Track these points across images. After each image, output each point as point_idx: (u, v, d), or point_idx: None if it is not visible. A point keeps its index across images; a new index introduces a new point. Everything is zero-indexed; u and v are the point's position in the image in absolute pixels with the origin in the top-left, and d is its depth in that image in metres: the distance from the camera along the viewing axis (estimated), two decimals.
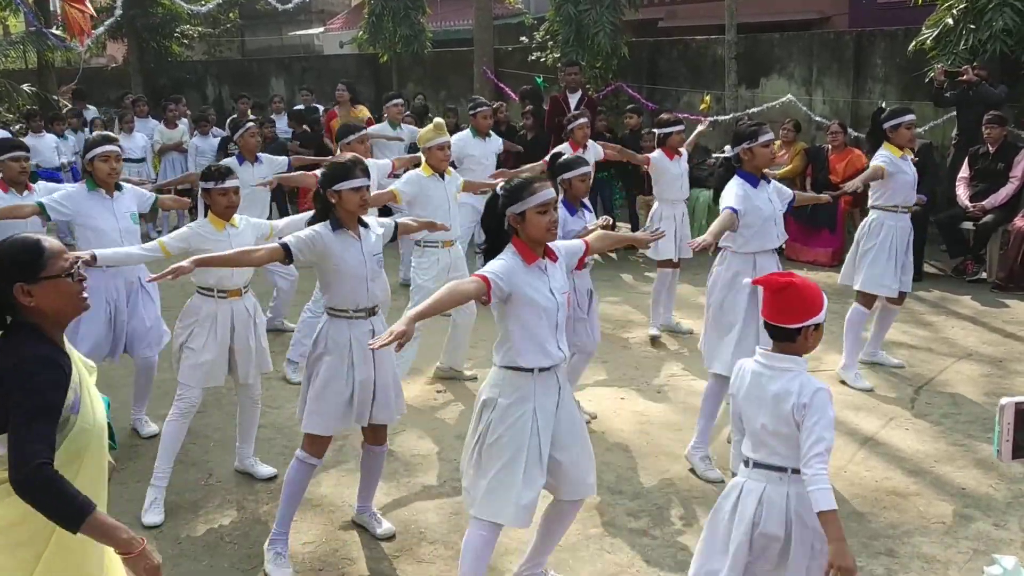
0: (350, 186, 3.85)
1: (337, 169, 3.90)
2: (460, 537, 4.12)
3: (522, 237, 3.33)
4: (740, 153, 4.77)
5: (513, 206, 3.30)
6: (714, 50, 12.24)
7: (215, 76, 18.47)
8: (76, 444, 2.37)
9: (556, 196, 3.38)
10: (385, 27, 14.42)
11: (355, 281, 3.91)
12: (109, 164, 5.11)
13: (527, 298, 3.27)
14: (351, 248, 3.90)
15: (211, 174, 4.59)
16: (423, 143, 6.05)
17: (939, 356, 6.51)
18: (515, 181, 3.36)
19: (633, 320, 7.53)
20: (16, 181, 5.71)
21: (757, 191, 4.72)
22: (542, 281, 3.33)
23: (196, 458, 5.11)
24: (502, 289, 3.22)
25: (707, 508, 4.32)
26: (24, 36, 18.00)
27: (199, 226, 4.57)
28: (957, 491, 4.51)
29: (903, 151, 5.99)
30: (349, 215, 3.91)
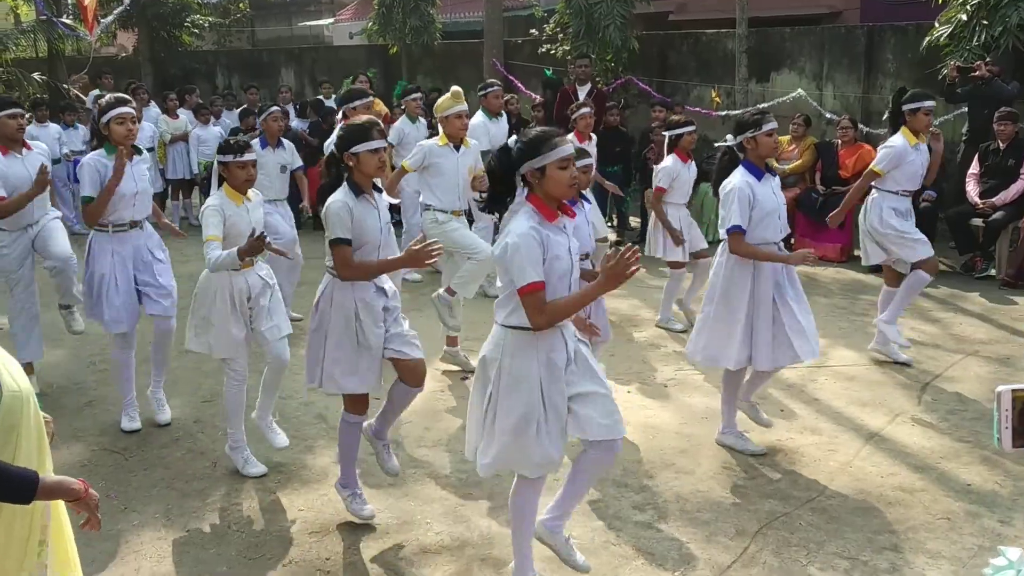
0: (367, 148, 3.82)
1: (354, 131, 3.86)
2: (465, 528, 4.16)
3: (539, 193, 3.23)
4: (743, 142, 4.72)
5: (532, 160, 3.18)
6: (724, 44, 12.21)
7: (225, 66, 18.48)
8: (11, 418, 2.32)
9: (574, 151, 3.28)
10: (395, 18, 14.41)
11: (369, 248, 3.91)
12: (125, 126, 5.13)
13: (551, 258, 3.16)
14: (370, 215, 3.89)
15: (230, 147, 4.61)
16: (440, 111, 6.04)
17: (946, 352, 6.50)
18: (532, 133, 3.25)
19: (640, 315, 7.53)
20: (13, 139, 5.69)
21: (761, 184, 4.68)
22: (562, 240, 3.23)
23: (204, 447, 5.14)
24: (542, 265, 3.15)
25: (712, 501, 4.36)
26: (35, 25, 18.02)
27: (219, 201, 4.56)
28: (963, 487, 4.51)
29: (918, 138, 5.98)
30: (366, 178, 3.88)
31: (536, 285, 3.12)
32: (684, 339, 6.92)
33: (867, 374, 6.10)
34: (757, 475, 4.68)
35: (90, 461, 4.99)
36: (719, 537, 4.08)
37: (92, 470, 4.87)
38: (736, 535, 4.09)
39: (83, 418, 5.60)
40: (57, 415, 5.57)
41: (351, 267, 3.87)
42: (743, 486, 4.56)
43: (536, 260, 3.13)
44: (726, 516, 4.26)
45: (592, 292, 3.23)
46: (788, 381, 5.86)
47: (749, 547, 3.99)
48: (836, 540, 4.03)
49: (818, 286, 8.28)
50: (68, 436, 5.32)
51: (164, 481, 4.73)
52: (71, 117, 11.77)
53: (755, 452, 4.88)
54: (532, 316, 3.16)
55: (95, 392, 6.01)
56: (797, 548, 3.97)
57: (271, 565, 3.93)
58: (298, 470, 4.83)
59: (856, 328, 7.05)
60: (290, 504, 4.46)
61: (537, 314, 3.15)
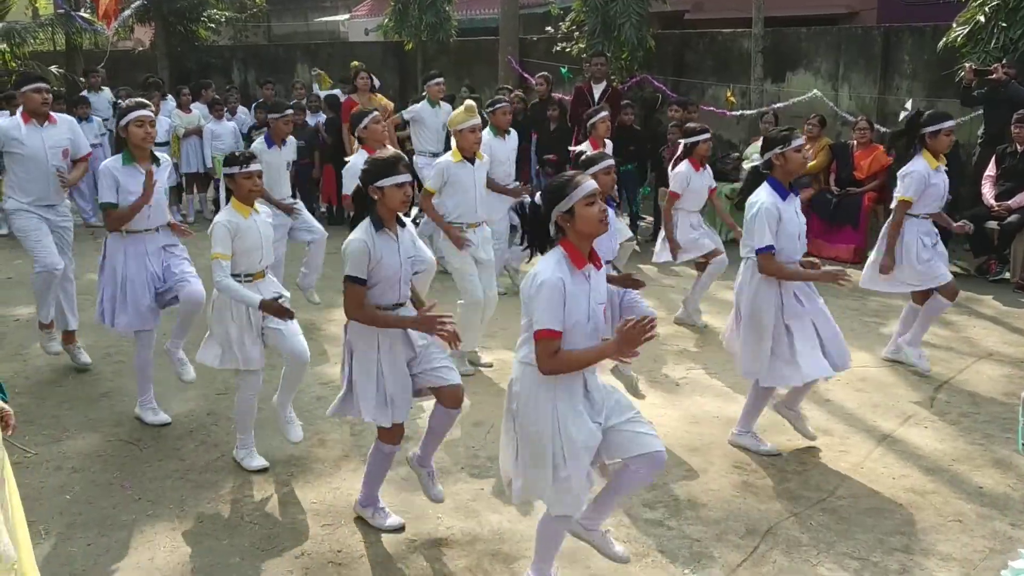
0: (393, 182, 3.81)
1: (380, 165, 3.85)
2: (476, 523, 4.18)
3: (571, 237, 3.25)
4: (772, 159, 4.70)
5: (559, 204, 3.22)
6: (740, 43, 12.18)
7: (241, 61, 18.54)
8: None
9: (599, 188, 3.29)
10: (411, 14, 14.43)
11: (389, 283, 3.90)
12: (144, 129, 5.19)
13: (569, 311, 3.20)
14: (389, 249, 3.87)
15: (235, 159, 4.63)
16: (454, 126, 6.06)
17: (959, 355, 6.48)
18: (555, 180, 3.29)
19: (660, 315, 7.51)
20: (38, 112, 5.89)
21: (786, 204, 4.67)
22: (583, 291, 3.24)
23: (217, 439, 5.17)
24: (562, 314, 3.19)
25: (723, 500, 4.37)
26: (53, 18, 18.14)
27: (228, 217, 4.59)
28: (975, 490, 4.50)
29: (938, 159, 5.94)
30: (390, 213, 3.88)
31: (552, 333, 3.17)
32: (699, 338, 6.94)
33: (879, 375, 6.09)
34: (768, 475, 4.68)
35: (105, 451, 5.03)
36: (729, 536, 4.08)
37: (107, 460, 4.92)
38: (747, 534, 4.10)
39: (99, 408, 5.65)
40: (73, 405, 5.68)
41: (361, 310, 3.86)
42: (754, 485, 4.57)
43: (557, 308, 3.16)
44: (737, 515, 4.27)
45: (603, 352, 3.25)
46: None
47: (759, 546, 4.00)
48: (847, 541, 4.04)
49: (829, 287, 8.22)
50: (83, 426, 5.37)
51: (178, 472, 4.77)
52: (84, 110, 11.83)
53: (770, 452, 4.88)
54: (541, 360, 3.21)
55: (111, 383, 6.06)
56: (807, 548, 3.97)
57: (284, 557, 3.96)
58: (311, 463, 4.86)
59: (868, 330, 7.04)
60: (303, 496, 4.49)
61: (546, 360, 3.20)
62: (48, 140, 5.87)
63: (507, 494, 3.53)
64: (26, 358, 6.55)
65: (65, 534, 4.15)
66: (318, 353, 6.57)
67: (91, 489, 4.59)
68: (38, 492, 4.55)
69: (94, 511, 4.38)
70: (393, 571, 3.86)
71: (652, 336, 3.14)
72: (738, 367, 5.02)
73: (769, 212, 4.62)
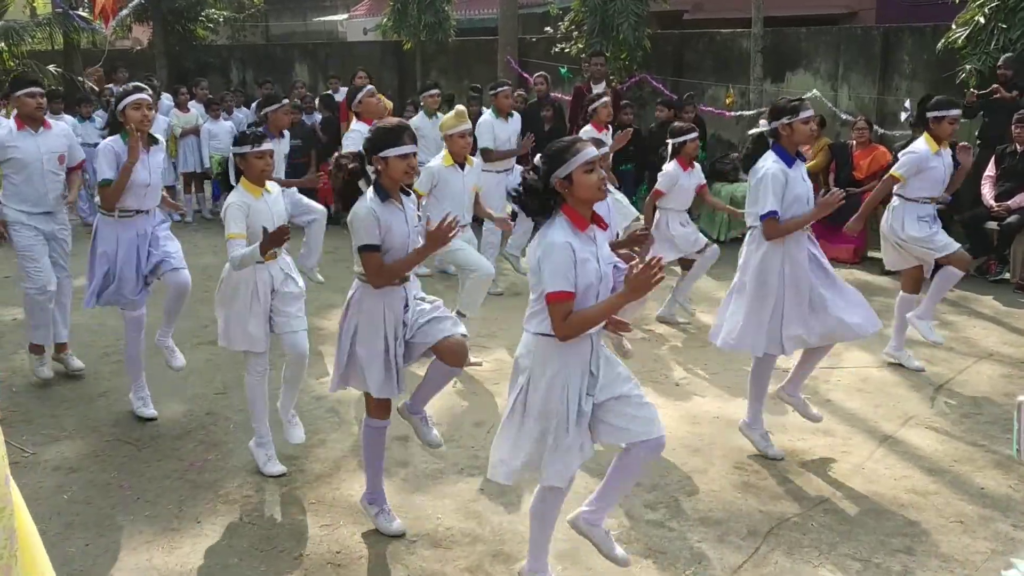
0: (397, 152, 3.74)
1: (383, 134, 3.77)
2: (476, 523, 4.16)
3: (571, 202, 3.23)
4: (779, 128, 4.69)
5: (558, 170, 3.19)
6: (740, 43, 12.18)
7: (239, 60, 18.51)
8: None
9: (599, 154, 3.28)
10: (410, 14, 14.40)
11: (396, 253, 3.83)
12: (141, 111, 5.18)
13: (580, 270, 3.17)
14: (397, 219, 3.81)
15: (247, 138, 4.57)
16: (445, 130, 6.08)
17: (959, 356, 6.47)
18: (554, 146, 3.26)
19: (651, 314, 7.51)
20: (32, 117, 5.75)
21: (792, 170, 4.67)
22: (591, 251, 3.23)
23: (217, 439, 5.15)
24: (574, 276, 3.16)
25: (725, 501, 4.35)
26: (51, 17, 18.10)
27: (240, 197, 4.53)
28: (976, 491, 4.49)
29: (941, 144, 5.95)
30: (393, 183, 3.81)
31: (564, 295, 3.14)
32: (700, 338, 6.92)
33: (881, 376, 6.08)
34: (769, 475, 4.67)
35: (103, 451, 5.01)
36: (731, 537, 4.07)
37: (105, 460, 4.89)
38: (748, 535, 4.08)
39: (97, 408, 5.63)
40: (71, 405, 5.65)
41: (382, 274, 3.80)
42: (755, 486, 4.55)
43: (567, 270, 3.14)
44: (738, 516, 4.25)
45: (616, 302, 3.21)
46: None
47: (761, 547, 3.98)
48: (848, 542, 4.02)
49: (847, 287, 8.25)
50: (82, 426, 5.35)
51: (177, 472, 4.75)
52: (87, 109, 11.80)
53: (775, 457, 4.85)
54: (557, 325, 3.17)
55: (109, 383, 6.03)
56: (809, 549, 3.96)
57: (283, 558, 3.94)
58: (310, 463, 4.84)
59: None
60: (302, 497, 4.47)
61: (561, 323, 3.16)
62: (43, 146, 5.73)
63: (491, 473, 3.46)
64: (24, 357, 6.52)
65: (63, 534, 4.13)
66: (315, 353, 6.55)
67: (89, 489, 4.57)
68: (36, 492, 4.52)
69: (92, 511, 4.36)
70: (393, 572, 3.84)
71: (661, 278, 3.11)
72: (723, 338, 4.91)
73: (775, 177, 4.62)
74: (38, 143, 5.74)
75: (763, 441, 4.91)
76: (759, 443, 4.90)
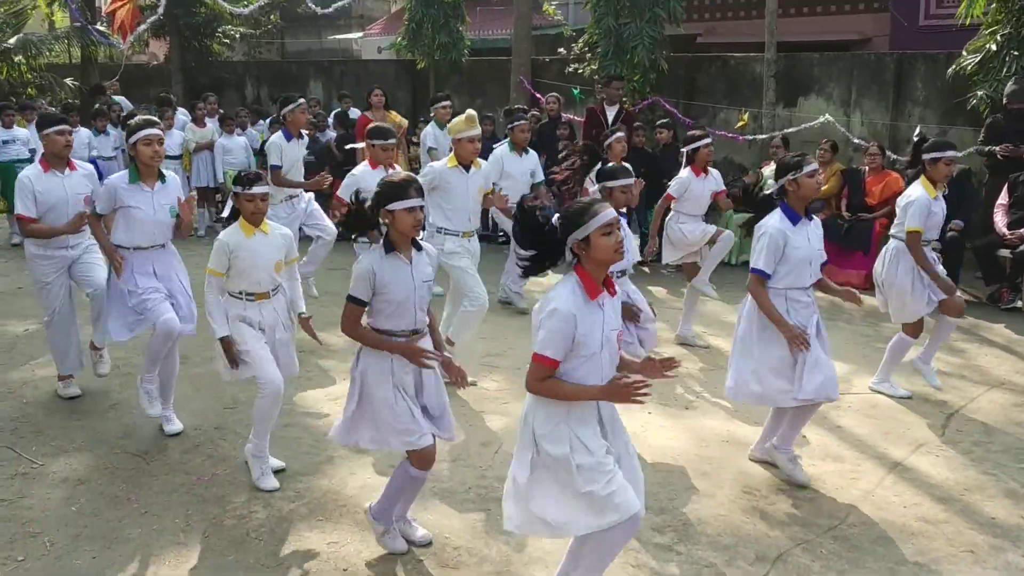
0: (404, 206, 3.74)
1: (390, 188, 3.78)
2: (484, 543, 4.15)
3: (586, 264, 3.21)
4: (785, 185, 4.70)
5: (575, 232, 3.16)
6: (752, 68, 12.21)
7: (255, 77, 18.64)
8: None
9: (617, 217, 3.25)
10: (424, 34, 14.49)
11: (400, 307, 3.83)
12: (152, 147, 5.22)
13: (581, 341, 3.16)
14: (400, 273, 3.80)
15: (240, 180, 4.66)
16: (453, 134, 6.08)
17: (971, 384, 6.44)
18: (573, 206, 3.24)
19: (663, 336, 7.49)
20: (60, 156, 5.65)
21: (796, 229, 4.67)
22: (597, 321, 3.20)
23: (225, 453, 5.15)
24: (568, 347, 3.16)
25: (733, 526, 4.33)
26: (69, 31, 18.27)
27: (229, 236, 4.64)
28: (987, 521, 4.45)
29: (936, 188, 5.93)
30: (402, 237, 3.81)
31: (549, 361, 3.16)
32: (710, 359, 6.91)
33: (890, 403, 6.04)
34: (778, 501, 4.64)
35: (112, 464, 5.02)
36: (739, 562, 4.04)
37: (114, 473, 4.90)
38: (756, 560, 4.06)
39: (106, 421, 5.64)
40: (81, 417, 5.66)
41: (354, 328, 3.84)
42: (764, 511, 4.53)
43: (562, 339, 3.14)
44: (747, 541, 4.23)
45: (591, 395, 3.22)
46: None
47: (769, 573, 3.96)
48: (858, 569, 3.99)
49: (841, 313, 8.23)
50: (91, 438, 5.36)
51: (184, 486, 4.75)
52: (102, 123, 11.90)
53: (801, 483, 4.79)
54: (530, 380, 3.21)
55: (119, 395, 6.04)
56: None
57: (289, 573, 3.93)
58: (317, 480, 4.83)
59: (880, 356, 6.97)
60: (308, 513, 4.46)
61: (535, 382, 3.20)
62: (70, 189, 5.64)
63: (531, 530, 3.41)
64: (35, 368, 6.55)
65: (70, 546, 4.13)
66: (321, 370, 6.56)
67: (97, 501, 4.57)
68: (44, 503, 4.54)
69: (100, 524, 4.36)
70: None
71: (646, 395, 3.14)
72: (734, 392, 4.91)
73: (773, 238, 4.63)
74: (65, 186, 5.64)
75: (791, 465, 4.85)
76: (786, 467, 4.86)
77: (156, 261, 5.34)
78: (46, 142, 5.68)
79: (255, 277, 4.65)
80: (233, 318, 4.67)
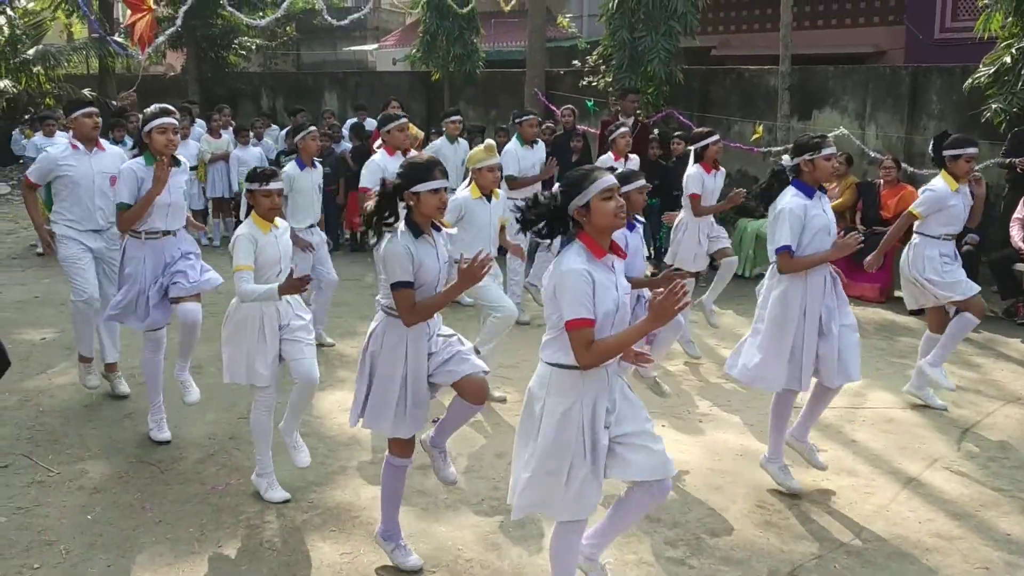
0: (429, 188, 3.70)
1: (415, 169, 3.75)
2: (496, 555, 4.15)
3: (588, 230, 3.23)
4: (800, 164, 4.69)
5: (576, 198, 3.19)
6: (767, 80, 12.21)
7: (270, 88, 18.77)
8: None
9: (617, 183, 3.26)
10: (439, 46, 14.57)
11: (427, 289, 3.79)
12: (166, 136, 5.27)
13: (597, 299, 3.15)
14: (429, 255, 3.78)
15: (256, 176, 4.68)
16: (473, 164, 6.13)
17: (987, 399, 6.40)
18: (573, 174, 3.26)
19: (675, 348, 7.48)
20: (88, 137, 5.91)
21: (812, 202, 4.66)
22: (610, 279, 3.21)
23: (239, 462, 5.17)
24: (592, 303, 3.15)
25: (746, 540, 4.31)
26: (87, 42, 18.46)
27: (249, 230, 4.63)
28: (1002, 537, 4.42)
29: (959, 182, 5.92)
30: (425, 218, 3.78)
31: (585, 322, 3.12)
32: (719, 371, 6.89)
33: (905, 417, 6.02)
34: (792, 515, 4.63)
35: (127, 472, 5.04)
36: None
37: (128, 481, 4.93)
38: (769, 575, 4.04)
39: (122, 429, 5.67)
40: (96, 426, 5.70)
41: (415, 312, 3.74)
42: (777, 525, 4.51)
43: (586, 297, 3.12)
44: (759, 555, 4.21)
45: (640, 329, 3.18)
46: (825, 421, 5.78)
47: None
48: None
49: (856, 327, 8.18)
50: (106, 447, 5.39)
51: (198, 496, 4.77)
52: (119, 133, 11.97)
53: (795, 489, 4.81)
54: (579, 354, 3.15)
55: (135, 404, 6.08)
56: None
57: None
58: (331, 491, 4.85)
59: (895, 370, 6.97)
60: (322, 523, 4.48)
61: (584, 352, 3.14)
62: (96, 166, 5.87)
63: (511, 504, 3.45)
64: (51, 377, 6.60)
65: (85, 555, 4.15)
66: (336, 380, 6.58)
67: (112, 510, 4.60)
68: (60, 511, 4.56)
69: (115, 532, 4.38)
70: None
71: (686, 304, 3.11)
72: (740, 370, 4.88)
73: (792, 213, 4.61)
74: (91, 163, 5.88)
75: (782, 474, 4.87)
76: (778, 475, 4.87)
77: (168, 250, 5.38)
78: (75, 125, 5.93)
79: (272, 272, 4.65)
80: (252, 320, 4.62)
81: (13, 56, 17.02)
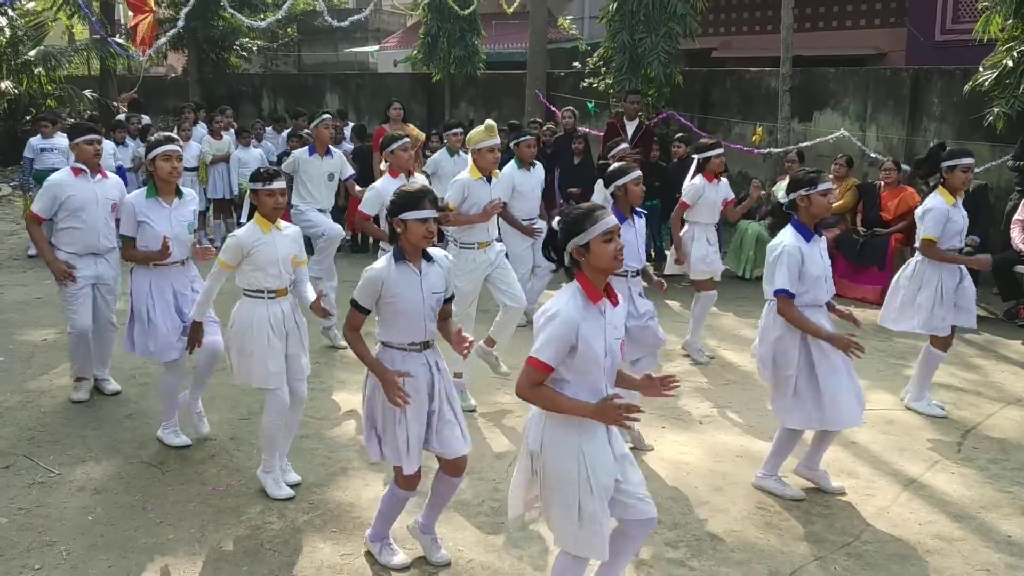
0: (416, 216, 3.72)
1: (405, 198, 3.78)
2: (496, 556, 4.15)
3: (586, 271, 3.20)
4: (796, 200, 4.67)
5: (576, 238, 3.16)
6: (768, 82, 12.22)
7: (271, 89, 18.79)
8: None
9: (618, 224, 3.24)
10: (440, 47, 14.60)
11: (410, 318, 3.81)
12: (171, 163, 5.27)
13: (585, 346, 3.13)
14: (410, 283, 3.79)
15: (259, 176, 4.68)
16: (473, 144, 6.11)
17: (987, 401, 6.40)
18: (574, 212, 3.23)
19: (675, 348, 7.49)
20: (90, 163, 5.89)
21: (810, 246, 4.64)
22: (599, 326, 3.18)
23: (240, 464, 5.18)
24: (564, 353, 3.15)
25: (747, 541, 4.31)
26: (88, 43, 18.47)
27: (245, 231, 4.65)
28: (1003, 539, 4.43)
29: (955, 196, 5.91)
30: (412, 247, 3.80)
31: (544, 367, 3.13)
32: (725, 374, 6.90)
33: (905, 419, 6.02)
34: (792, 517, 4.63)
35: (128, 473, 5.05)
36: None
37: (129, 482, 4.93)
38: None
39: (123, 430, 5.67)
40: (97, 426, 5.70)
41: (353, 332, 3.84)
42: (777, 527, 4.52)
43: (562, 346, 3.12)
44: (760, 557, 4.21)
45: (583, 411, 3.15)
46: None
47: None
48: None
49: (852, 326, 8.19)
50: (107, 448, 5.39)
51: (200, 497, 4.77)
52: (121, 135, 11.99)
53: (795, 497, 4.82)
54: (521, 384, 3.17)
55: (135, 405, 6.09)
56: None
57: None
58: (332, 491, 4.85)
59: (894, 372, 6.97)
60: (323, 525, 4.48)
61: (527, 387, 3.16)
62: (100, 192, 5.87)
63: (512, 527, 3.45)
64: (53, 378, 6.60)
65: (86, 556, 4.16)
66: (339, 381, 6.59)
67: (113, 511, 4.60)
68: (61, 512, 4.57)
69: (116, 533, 4.39)
70: None
71: (636, 420, 3.10)
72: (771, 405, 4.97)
73: (791, 255, 4.59)
74: (95, 188, 5.88)
75: (779, 485, 4.88)
76: (775, 488, 4.87)
77: (175, 279, 5.39)
78: (76, 151, 5.91)
79: (274, 271, 4.65)
80: (260, 321, 4.64)
81: (14, 57, 17.02)
